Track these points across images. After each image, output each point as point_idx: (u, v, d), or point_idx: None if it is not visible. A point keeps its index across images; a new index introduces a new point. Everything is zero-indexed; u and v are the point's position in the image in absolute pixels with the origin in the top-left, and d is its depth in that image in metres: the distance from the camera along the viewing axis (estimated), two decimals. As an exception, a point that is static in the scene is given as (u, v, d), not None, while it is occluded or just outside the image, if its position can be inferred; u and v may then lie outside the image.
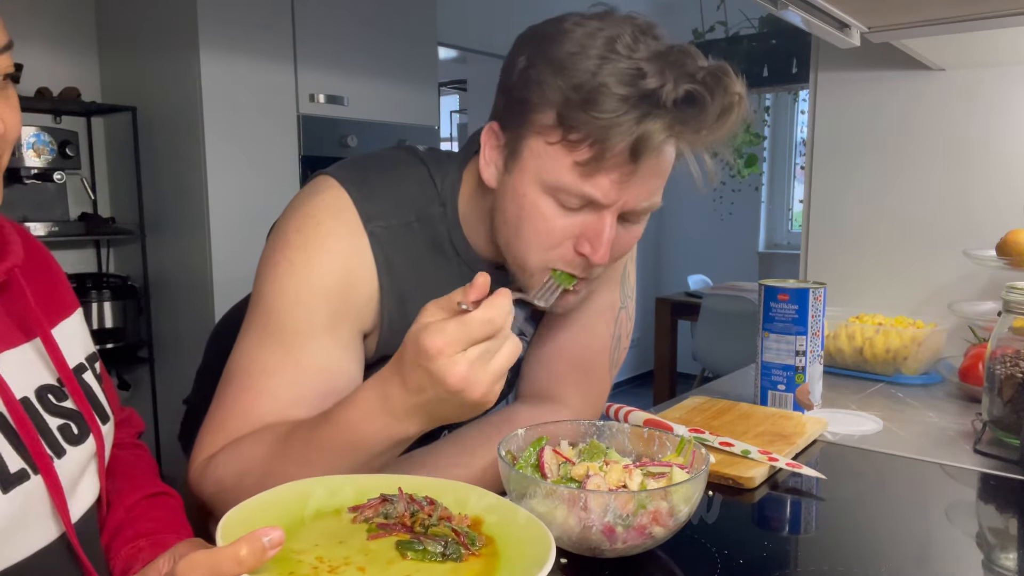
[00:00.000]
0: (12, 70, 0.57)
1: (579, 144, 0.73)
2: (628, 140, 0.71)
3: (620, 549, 0.68)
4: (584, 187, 0.75)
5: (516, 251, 0.82)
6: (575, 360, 0.99)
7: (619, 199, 0.76)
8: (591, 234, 0.77)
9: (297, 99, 2.80)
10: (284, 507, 0.61)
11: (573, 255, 0.79)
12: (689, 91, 0.71)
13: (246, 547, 0.46)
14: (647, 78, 0.71)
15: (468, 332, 0.62)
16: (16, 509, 0.57)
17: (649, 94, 0.70)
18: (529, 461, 0.77)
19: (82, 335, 0.72)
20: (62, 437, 0.63)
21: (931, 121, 1.54)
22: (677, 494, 0.67)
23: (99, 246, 2.95)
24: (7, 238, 0.64)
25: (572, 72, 0.72)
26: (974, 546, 0.80)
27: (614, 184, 0.75)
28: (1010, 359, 1.00)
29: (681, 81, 0.71)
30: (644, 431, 0.82)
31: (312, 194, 0.85)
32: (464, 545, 0.58)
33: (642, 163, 0.73)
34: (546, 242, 0.79)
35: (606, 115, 0.70)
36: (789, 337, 1.17)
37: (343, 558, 0.55)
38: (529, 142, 0.77)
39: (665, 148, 0.75)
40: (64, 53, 2.78)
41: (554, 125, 0.74)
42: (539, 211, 0.78)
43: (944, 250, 1.53)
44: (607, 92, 0.71)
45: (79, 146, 2.71)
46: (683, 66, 0.72)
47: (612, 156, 0.72)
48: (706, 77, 0.72)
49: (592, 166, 0.73)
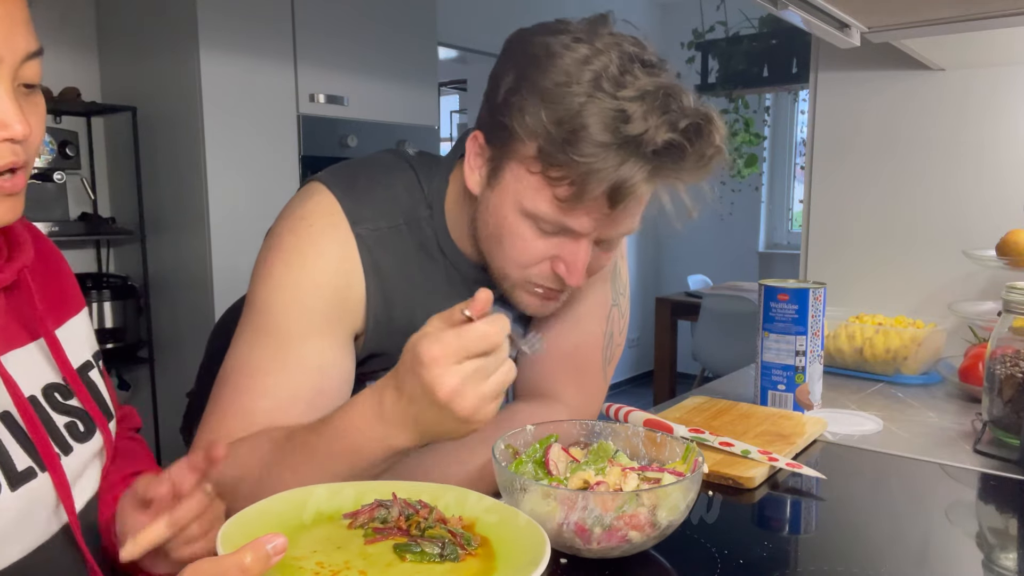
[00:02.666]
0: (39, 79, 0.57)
1: (559, 181, 0.75)
2: (606, 185, 0.72)
3: (596, 550, 0.68)
4: (563, 219, 0.77)
5: (497, 262, 0.84)
6: (567, 358, 1.00)
7: (597, 231, 0.78)
8: (568, 258, 0.80)
9: (297, 99, 2.80)
10: (281, 515, 0.62)
11: (550, 272, 0.82)
12: (670, 141, 0.71)
13: (251, 554, 0.47)
14: (630, 122, 0.71)
15: (464, 344, 0.63)
16: (23, 506, 0.58)
17: (630, 140, 0.71)
18: (532, 456, 0.78)
19: (88, 333, 0.72)
20: (69, 435, 0.63)
21: (931, 121, 1.54)
22: (651, 500, 0.67)
23: (99, 246, 2.95)
24: (19, 238, 0.65)
25: (556, 107, 0.73)
26: (974, 546, 0.80)
27: (593, 220, 0.77)
28: (1010, 359, 1.00)
29: (663, 129, 0.71)
30: (657, 435, 0.82)
31: (303, 199, 0.87)
32: (461, 546, 0.58)
33: (620, 205, 0.75)
34: (524, 260, 0.81)
35: (586, 159, 0.71)
36: (789, 337, 1.17)
37: (343, 562, 0.56)
38: (511, 165, 0.79)
39: (642, 191, 0.76)
40: (64, 53, 2.77)
41: (535, 157, 0.76)
42: (518, 233, 0.80)
43: (944, 250, 1.53)
44: (588, 135, 0.71)
45: (79, 146, 2.71)
46: (667, 110, 0.72)
47: (591, 198, 0.74)
48: (688, 127, 0.72)
49: (571, 203, 0.75)
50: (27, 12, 0.55)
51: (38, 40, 0.56)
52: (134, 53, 2.75)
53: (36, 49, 0.56)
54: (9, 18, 0.53)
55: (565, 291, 0.85)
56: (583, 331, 1.00)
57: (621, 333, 1.05)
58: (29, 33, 0.55)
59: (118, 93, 2.81)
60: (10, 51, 0.53)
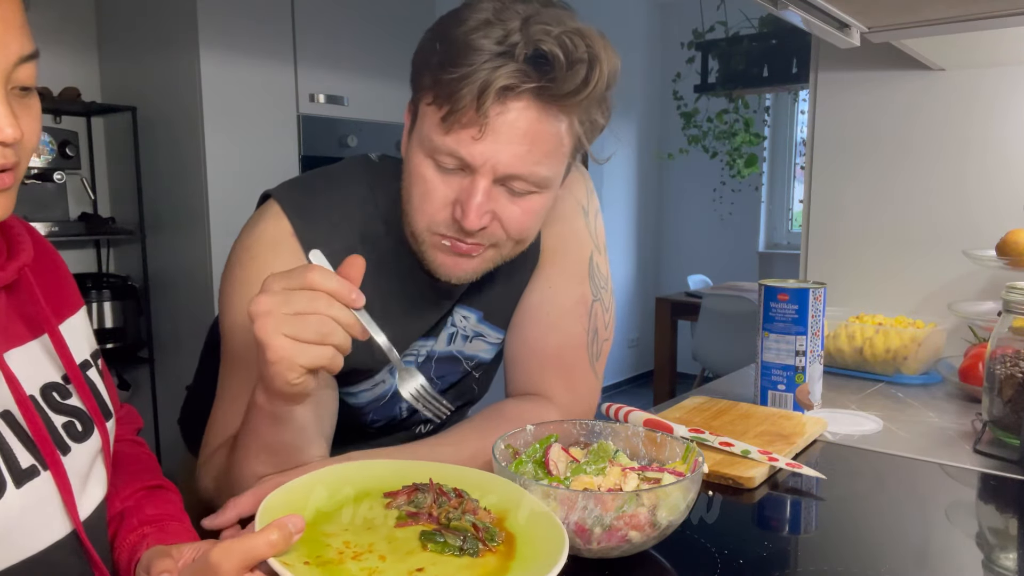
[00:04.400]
0: (34, 82, 0.57)
1: (443, 101, 0.76)
2: (476, 89, 0.74)
3: (596, 550, 0.68)
4: (446, 142, 0.78)
5: (409, 220, 0.85)
6: (551, 359, 1.00)
7: (484, 159, 0.77)
8: (463, 197, 0.80)
9: (297, 99, 2.80)
10: (330, 484, 0.66)
11: (451, 220, 0.81)
12: (539, 46, 0.74)
13: (277, 532, 0.53)
14: (508, 37, 0.74)
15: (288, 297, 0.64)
16: (27, 503, 0.58)
17: (505, 51, 0.74)
18: (532, 456, 0.78)
19: (86, 332, 0.73)
20: (67, 435, 0.64)
21: (931, 121, 1.54)
22: (651, 500, 0.67)
23: (99, 246, 2.95)
24: (17, 237, 0.65)
25: (448, 37, 0.76)
26: (974, 546, 0.80)
27: (474, 140, 0.77)
28: (1010, 359, 1.00)
29: (535, 37, 0.74)
30: (657, 435, 0.82)
31: (254, 224, 0.90)
32: (482, 541, 0.59)
33: (492, 115, 0.75)
34: (428, 206, 0.82)
35: (461, 69, 0.74)
36: (789, 337, 1.17)
37: (368, 544, 0.58)
38: (420, 108, 0.81)
39: (518, 105, 0.76)
40: (64, 53, 2.77)
41: (430, 86, 0.78)
42: (421, 174, 0.81)
43: (944, 250, 1.53)
44: (467, 50, 0.74)
45: (79, 146, 2.71)
46: (546, 26, 0.74)
47: (464, 108, 0.75)
48: (562, 35, 0.74)
49: (450, 120, 0.76)
50: (23, 15, 0.55)
51: (34, 43, 0.56)
52: (134, 53, 2.76)
53: (31, 52, 0.56)
54: (4, 22, 0.53)
55: (474, 248, 0.84)
56: (564, 333, 1.00)
57: (607, 328, 1.05)
58: (25, 36, 0.55)
59: (118, 93, 2.82)
60: (4, 55, 0.53)
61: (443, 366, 1.01)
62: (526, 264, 0.99)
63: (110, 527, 0.72)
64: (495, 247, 0.85)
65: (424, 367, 0.99)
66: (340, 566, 0.55)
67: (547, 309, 0.99)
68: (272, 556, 0.52)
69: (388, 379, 0.97)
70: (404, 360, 0.97)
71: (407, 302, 0.93)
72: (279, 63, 2.72)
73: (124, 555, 0.69)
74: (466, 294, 0.97)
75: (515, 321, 1.02)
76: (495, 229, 0.82)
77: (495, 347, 1.04)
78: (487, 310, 1.01)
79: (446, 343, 1.00)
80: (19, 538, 0.58)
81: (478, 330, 1.01)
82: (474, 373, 1.06)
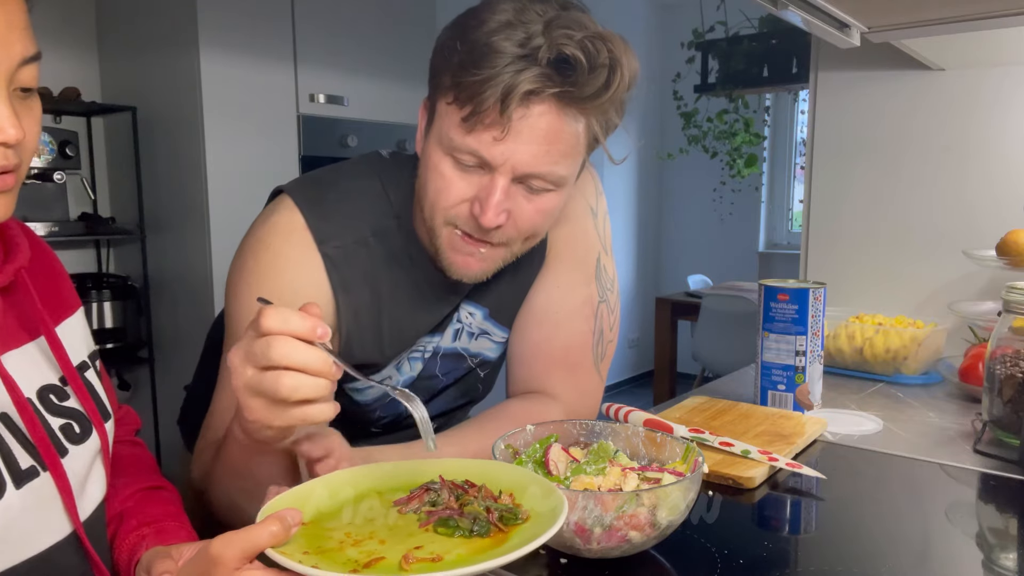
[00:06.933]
0: (36, 83, 0.57)
1: (465, 102, 0.76)
2: (499, 92, 0.74)
3: (596, 550, 0.68)
4: (467, 141, 0.78)
5: (427, 215, 0.85)
6: (556, 359, 1.00)
7: (504, 158, 0.78)
8: (482, 195, 0.80)
9: (297, 99, 2.80)
10: (323, 492, 0.66)
11: (469, 216, 0.82)
12: (562, 50, 0.74)
13: (277, 523, 0.54)
14: (530, 40, 0.74)
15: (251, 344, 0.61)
16: (27, 504, 0.58)
17: (528, 54, 0.74)
18: (533, 456, 0.78)
19: (84, 333, 0.73)
20: (64, 437, 0.63)
21: (931, 121, 1.54)
22: (651, 499, 0.67)
23: (99, 246, 2.95)
24: (14, 239, 0.65)
25: (469, 38, 0.76)
26: (974, 546, 0.80)
27: (496, 141, 0.77)
28: (1010, 359, 1.00)
29: (558, 41, 0.74)
30: (657, 435, 0.82)
31: (267, 216, 0.90)
32: (495, 524, 0.59)
33: (515, 118, 0.76)
34: (445, 201, 0.82)
35: (484, 71, 0.74)
36: (789, 337, 1.17)
37: (368, 533, 0.59)
38: (438, 106, 0.81)
39: (540, 108, 0.77)
40: (64, 53, 2.77)
41: (450, 86, 0.78)
42: (439, 171, 0.81)
43: (944, 250, 1.53)
44: (489, 52, 0.74)
45: (79, 146, 2.71)
46: (568, 30, 0.75)
47: (487, 110, 0.75)
48: (584, 40, 0.75)
49: (472, 121, 0.76)
50: (26, 17, 0.55)
51: (36, 45, 0.56)
52: (134, 53, 2.75)
53: (34, 54, 0.56)
54: (7, 23, 0.53)
55: (490, 246, 0.84)
56: (570, 332, 1.00)
57: (612, 329, 1.05)
58: (27, 38, 0.55)
59: (118, 93, 2.82)
60: (7, 56, 0.53)
61: (448, 362, 1.02)
62: (533, 263, 0.99)
63: (109, 528, 0.72)
64: (505, 246, 0.85)
65: (430, 363, 1.00)
66: (339, 553, 0.56)
67: (554, 309, 1.00)
68: (272, 547, 0.54)
69: (395, 375, 0.97)
70: (411, 356, 0.98)
71: (416, 296, 0.93)
72: (279, 63, 2.72)
73: (123, 556, 0.69)
74: (473, 290, 0.98)
75: (521, 320, 1.02)
76: (508, 228, 0.83)
77: (500, 346, 1.05)
78: (493, 307, 1.01)
79: (452, 339, 1.00)
80: (19, 538, 0.58)
81: (484, 327, 1.02)
82: (479, 371, 1.06)
